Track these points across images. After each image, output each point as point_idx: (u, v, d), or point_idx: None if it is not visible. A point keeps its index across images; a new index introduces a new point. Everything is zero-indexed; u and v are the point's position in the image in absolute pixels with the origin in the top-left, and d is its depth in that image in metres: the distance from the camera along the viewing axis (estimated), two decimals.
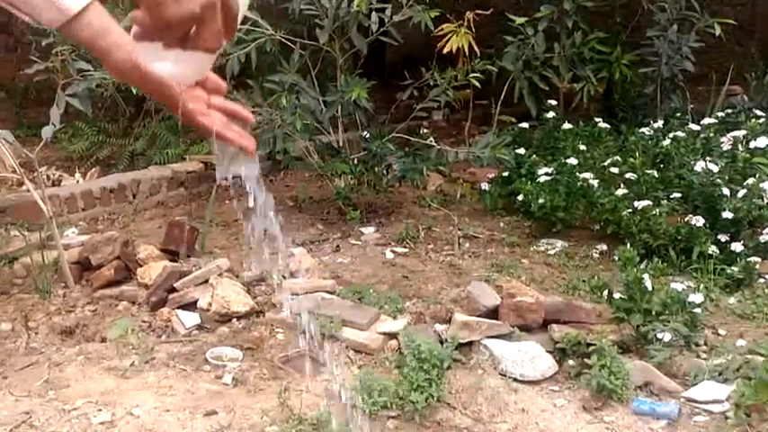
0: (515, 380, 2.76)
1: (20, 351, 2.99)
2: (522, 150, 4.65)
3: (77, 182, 5.05)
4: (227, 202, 5.27)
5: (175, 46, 0.80)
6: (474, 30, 4.31)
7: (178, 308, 3.27)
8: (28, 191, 3.72)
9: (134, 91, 3.94)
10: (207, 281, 3.35)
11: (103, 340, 3.06)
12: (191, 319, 3.20)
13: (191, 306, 3.26)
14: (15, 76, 6.60)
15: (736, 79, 5.86)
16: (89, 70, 3.82)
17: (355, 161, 4.70)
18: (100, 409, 2.48)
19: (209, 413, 2.47)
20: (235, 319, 3.18)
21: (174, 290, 3.35)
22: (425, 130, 5.17)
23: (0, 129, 3.45)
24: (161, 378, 2.74)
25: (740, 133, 4.18)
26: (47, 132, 3.43)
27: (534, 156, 4.64)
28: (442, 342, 2.82)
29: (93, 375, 2.75)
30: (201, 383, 2.71)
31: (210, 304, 3.18)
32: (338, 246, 4.23)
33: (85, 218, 4.73)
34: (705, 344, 2.92)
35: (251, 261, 3.52)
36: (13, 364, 2.88)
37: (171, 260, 3.63)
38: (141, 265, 3.55)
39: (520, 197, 4.30)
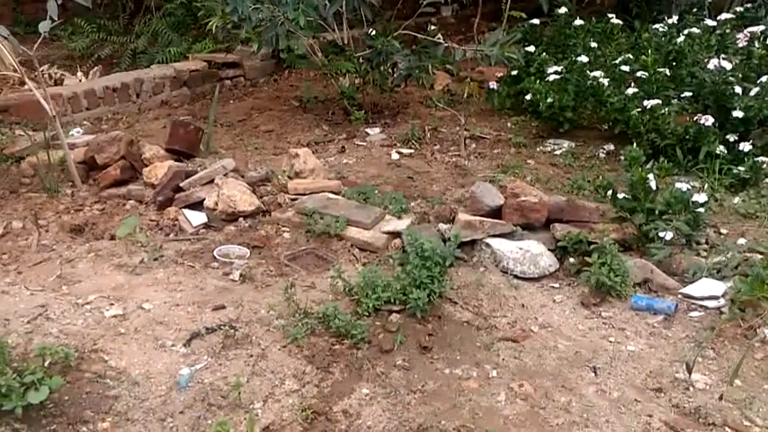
0: (516, 277, 2.81)
1: (32, 248, 3.06)
2: (531, 48, 4.54)
3: (80, 81, 4.99)
4: (231, 102, 5.22)
5: None
6: None
7: (185, 207, 3.30)
8: (30, 90, 3.68)
9: None
10: (212, 181, 3.37)
11: (112, 238, 3.12)
12: (197, 218, 3.24)
13: (197, 205, 3.30)
14: None
15: None
16: None
17: (360, 59, 4.59)
18: (112, 304, 2.56)
19: (217, 307, 2.54)
20: (241, 219, 3.21)
21: (180, 189, 3.38)
22: (433, 27, 5.02)
23: None
24: (170, 275, 2.81)
25: (758, 29, 4.03)
26: (44, 27, 3.35)
27: (544, 54, 4.53)
28: (445, 241, 2.85)
29: (104, 272, 2.82)
30: (210, 280, 2.78)
31: (217, 204, 3.21)
32: (343, 147, 4.21)
33: (89, 117, 4.70)
34: (706, 242, 2.95)
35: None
36: (27, 260, 2.95)
37: (176, 160, 3.64)
38: (147, 165, 3.56)
39: (528, 97, 4.23)
